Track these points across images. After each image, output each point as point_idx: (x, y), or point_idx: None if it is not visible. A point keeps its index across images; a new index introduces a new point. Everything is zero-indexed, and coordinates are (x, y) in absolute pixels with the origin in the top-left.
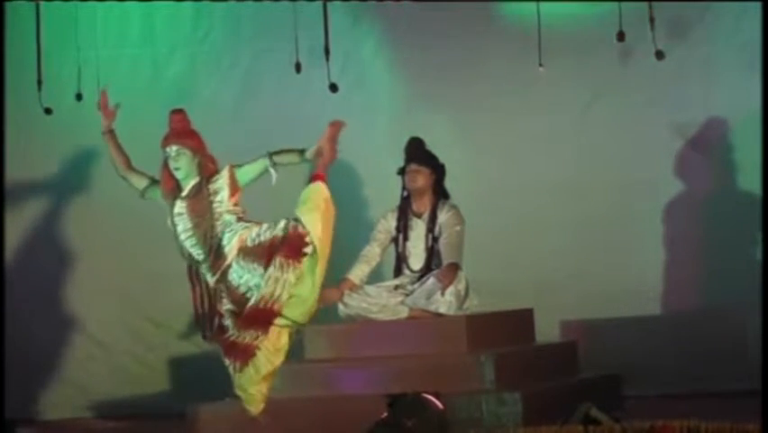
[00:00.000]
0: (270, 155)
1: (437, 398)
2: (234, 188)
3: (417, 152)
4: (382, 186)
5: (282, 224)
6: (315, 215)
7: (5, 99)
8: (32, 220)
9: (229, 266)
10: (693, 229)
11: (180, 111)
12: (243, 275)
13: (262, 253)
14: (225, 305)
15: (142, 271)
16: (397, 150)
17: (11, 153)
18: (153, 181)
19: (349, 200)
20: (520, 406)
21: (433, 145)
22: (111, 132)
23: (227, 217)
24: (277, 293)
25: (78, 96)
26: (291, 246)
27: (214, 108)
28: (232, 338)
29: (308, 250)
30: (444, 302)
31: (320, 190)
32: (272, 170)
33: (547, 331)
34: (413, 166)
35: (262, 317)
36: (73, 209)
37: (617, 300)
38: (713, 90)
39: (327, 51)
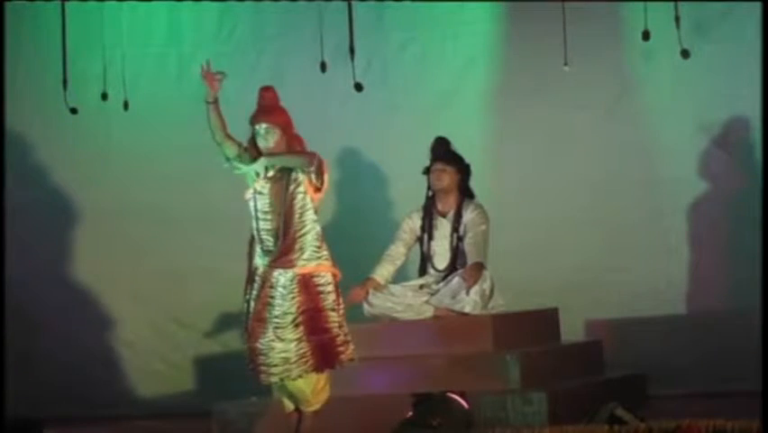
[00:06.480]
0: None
1: (463, 397)
2: (311, 185)
3: (443, 151)
4: (407, 185)
5: None
6: None
7: (31, 99)
8: (61, 224)
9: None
10: (719, 228)
11: (270, 88)
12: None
13: None
14: (275, 309)
15: (168, 271)
16: (422, 149)
17: (37, 154)
18: (244, 149)
19: (374, 200)
20: (545, 405)
21: (458, 144)
22: (216, 101)
23: (310, 215)
24: (351, 347)
25: (104, 96)
26: None
27: (238, 107)
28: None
29: None
30: (469, 301)
31: None
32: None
33: (573, 330)
34: (438, 165)
35: (329, 356)
36: (98, 211)
37: (642, 300)
38: (738, 89)
39: (352, 50)
